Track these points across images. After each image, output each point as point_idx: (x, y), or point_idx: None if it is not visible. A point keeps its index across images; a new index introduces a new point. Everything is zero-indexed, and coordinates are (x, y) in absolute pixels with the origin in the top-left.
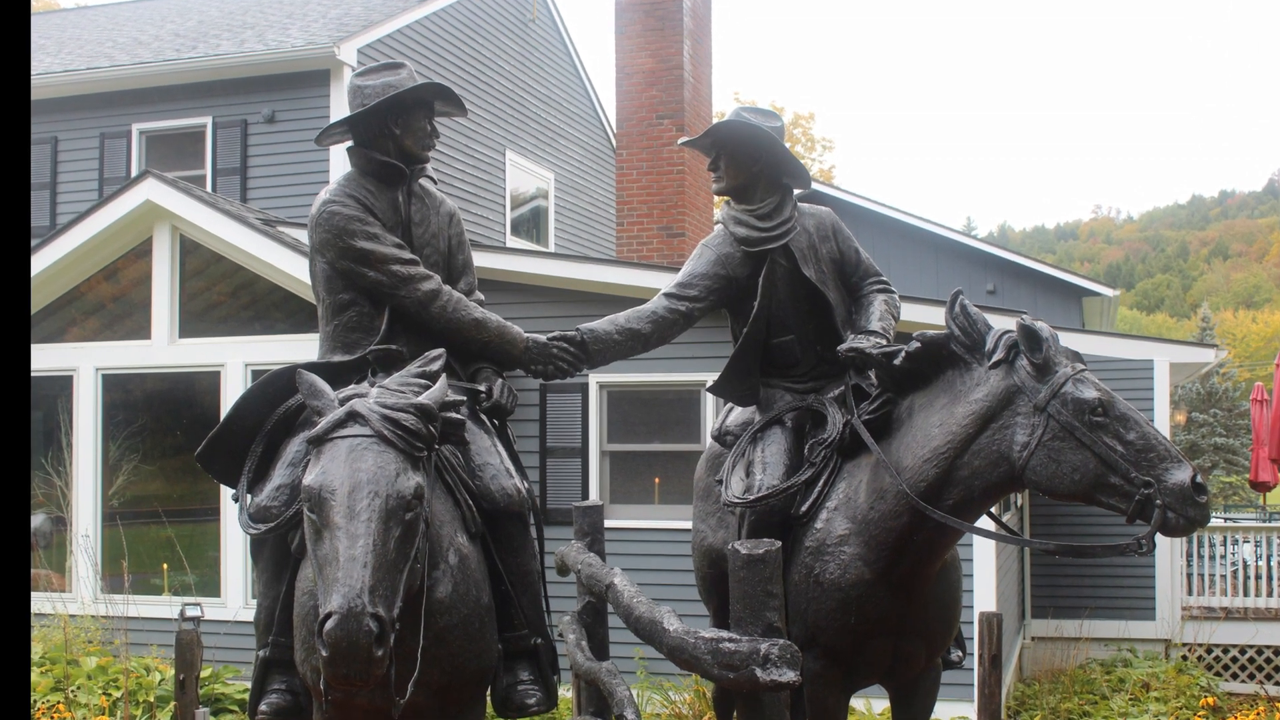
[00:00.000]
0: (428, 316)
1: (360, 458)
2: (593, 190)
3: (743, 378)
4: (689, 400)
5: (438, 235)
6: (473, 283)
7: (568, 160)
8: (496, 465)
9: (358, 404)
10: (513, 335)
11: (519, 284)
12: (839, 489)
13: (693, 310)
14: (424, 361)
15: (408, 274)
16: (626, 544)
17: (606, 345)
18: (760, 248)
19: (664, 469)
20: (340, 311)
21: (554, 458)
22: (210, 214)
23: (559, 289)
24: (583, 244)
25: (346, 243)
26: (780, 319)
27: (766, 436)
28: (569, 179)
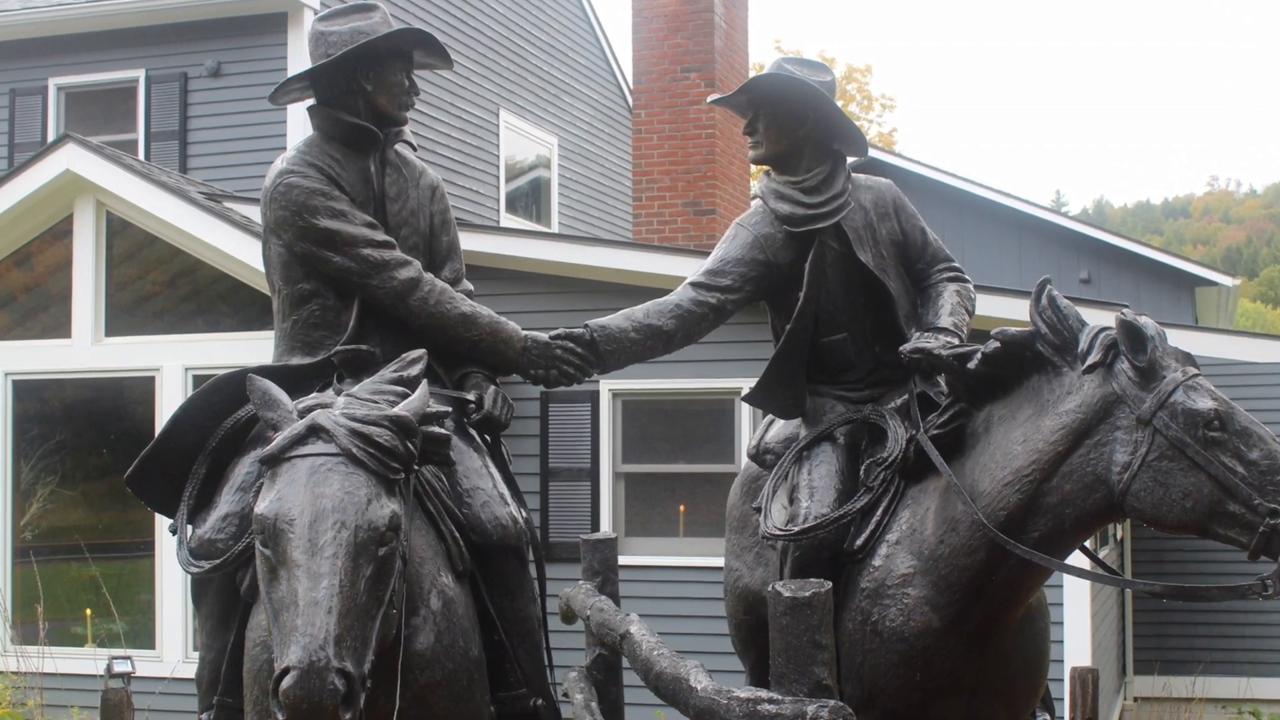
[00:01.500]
0: (405, 310)
1: (324, 481)
2: (604, 158)
3: (786, 385)
4: (721, 412)
5: (417, 212)
6: (460, 270)
7: (574, 122)
8: (488, 490)
9: (321, 416)
10: (508, 333)
11: (516, 271)
12: (901, 519)
13: (725, 303)
14: (401, 365)
15: (381, 259)
16: (645, 585)
17: (621, 345)
18: (807, 228)
19: (690, 495)
20: (300, 304)
21: (558, 481)
22: (143, 187)
23: (564, 277)
24: (592, 223)
25: (307, 221)
26: (831, 314)
27: (814, 456)
28: (576, 145)
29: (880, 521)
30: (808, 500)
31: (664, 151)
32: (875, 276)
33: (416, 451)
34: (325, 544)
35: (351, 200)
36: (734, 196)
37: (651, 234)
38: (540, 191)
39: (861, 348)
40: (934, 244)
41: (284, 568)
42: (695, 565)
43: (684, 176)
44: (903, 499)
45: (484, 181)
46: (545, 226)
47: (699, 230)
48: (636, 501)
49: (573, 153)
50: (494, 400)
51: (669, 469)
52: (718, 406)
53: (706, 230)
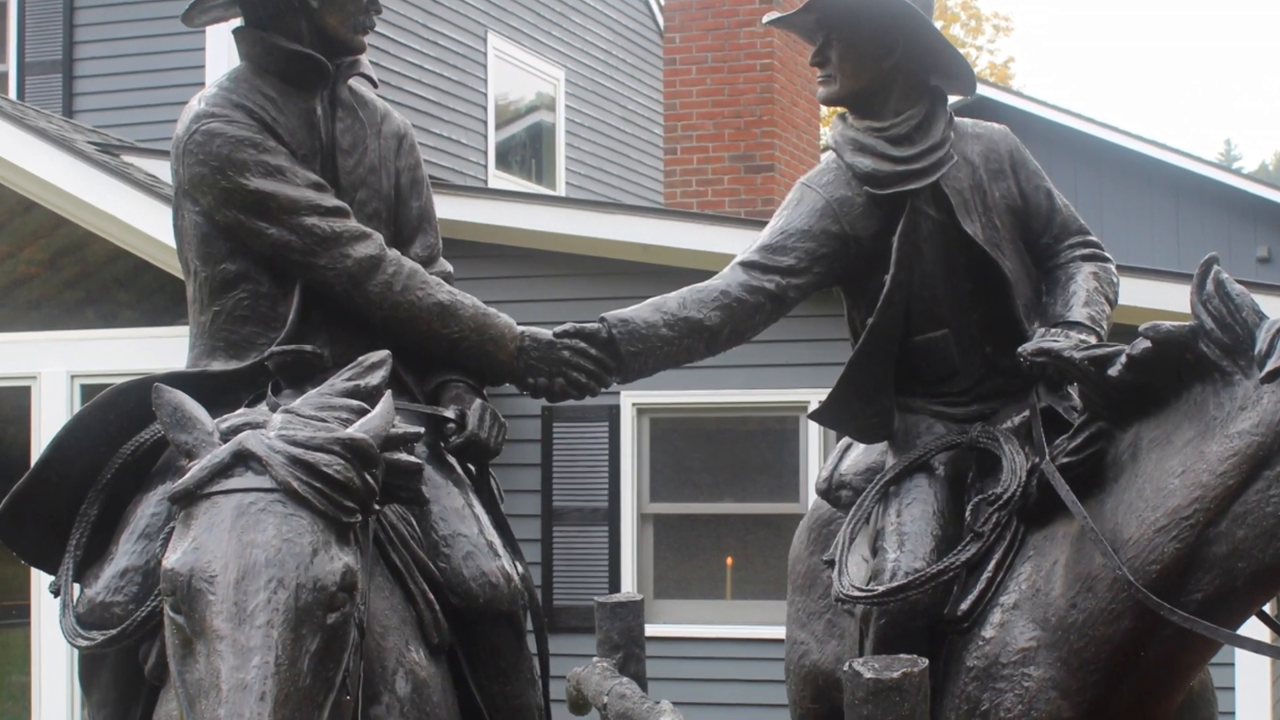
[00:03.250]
0: (363, 299)
1: (255, 525)
2: (626, 98)
3: (867, 398)
4: (781, 434)
5: (378, 169)
6: (435, 245)
7: (586, 51)
8: (473, 537)
9: (251, 439)
10: (499, 329)
11: (509, 247)
12: (1021, 576)
13: (787, 289)
14: (357, 371)
15: (331, 231)
16: (681, 662)
17: (649, 345)
18: (895, 189)
19: (740, 543)
20: (223, 291)
21: (565, 525)
22: (14, 135)
23: (572, 255)
24: (610, 184)
25: (233, 180)
26: (927, 303)
27: (905, 492)
28: (588, 80)
29: (993, 579)
30: (896, 551)
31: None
32: (985, 254)
33: (378, 486)
34: (257, 609)
35: (291, 153)
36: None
37: (689, 198)
38: (541, 142)
39: (967, 348)
40: (1064, 211)
41: (202, 640)
42: (746, 637)
43: (732, 122)
44: (1022, 549)
45: (467, 129)
46: (548, 188)
47: (752, 192)
48: (669, 552)
49: (585, 90)
50: (480, 418)
51: (712, 509)
52: (777, 427)
53: (762, 193)
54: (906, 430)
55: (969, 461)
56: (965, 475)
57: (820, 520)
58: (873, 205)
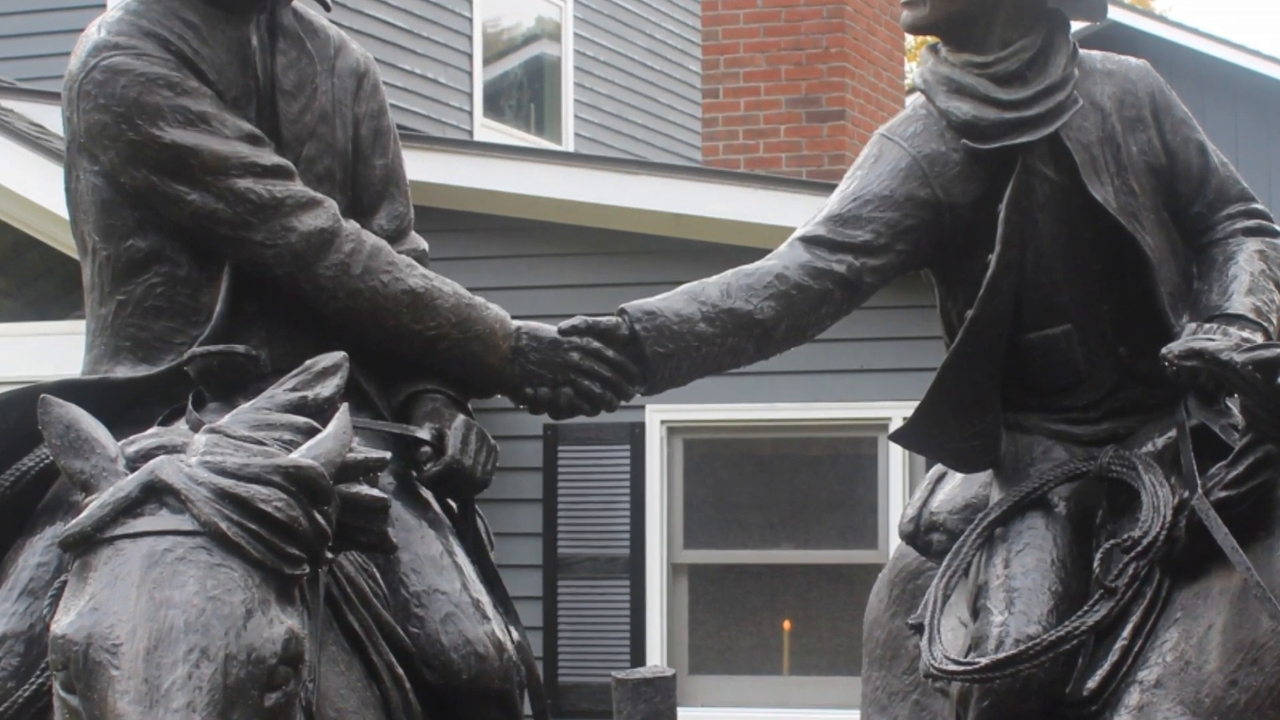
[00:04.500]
0: (312, 285)
1: (172, 580)
2: (652, 24)
3: (966, 413)
4: (855, 461)
5: (331, 117)
6: (405, 216)
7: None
8: (454, 595)
9: (166, 468)
10: (487, 325)
11: (501, 218)
12: (1165, 643)
13: (861, 272)
14: (304, 379)
15: (269, 196)
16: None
17: (682, 345)
18: (1003, 142)
19: (801, 603)
20: (130, 275)
21: (574, 578)
22: None
23: (583, 228)
24: (631, 135)
25: (143, 131)
26: (1044, 291)
27: (1015, 536)
28: (602, 1)
29: (1129, 649)
30: (1004, 612)
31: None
32: (1119, 226)
33: (331, 528)
34: (174, 688)
35: (218, 95)
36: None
37: (734, 154)
38: (543, 82)
39: (1096, 349)
40: (1220, 171)
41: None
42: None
43: (789, 55)
44: (1167, 610)
45: (447, 64)
46: (551, 142)
47: (816, 147)
48: (709, 614)
49: (599, 15)
50: (464, 440)
51: (764, 558)
52: (849, 451)
53: (829, 147)
54: (1017, 456)
55: (1098, 496)
56: (1093, 514)
57: (906, 573)
58: (973, 163)
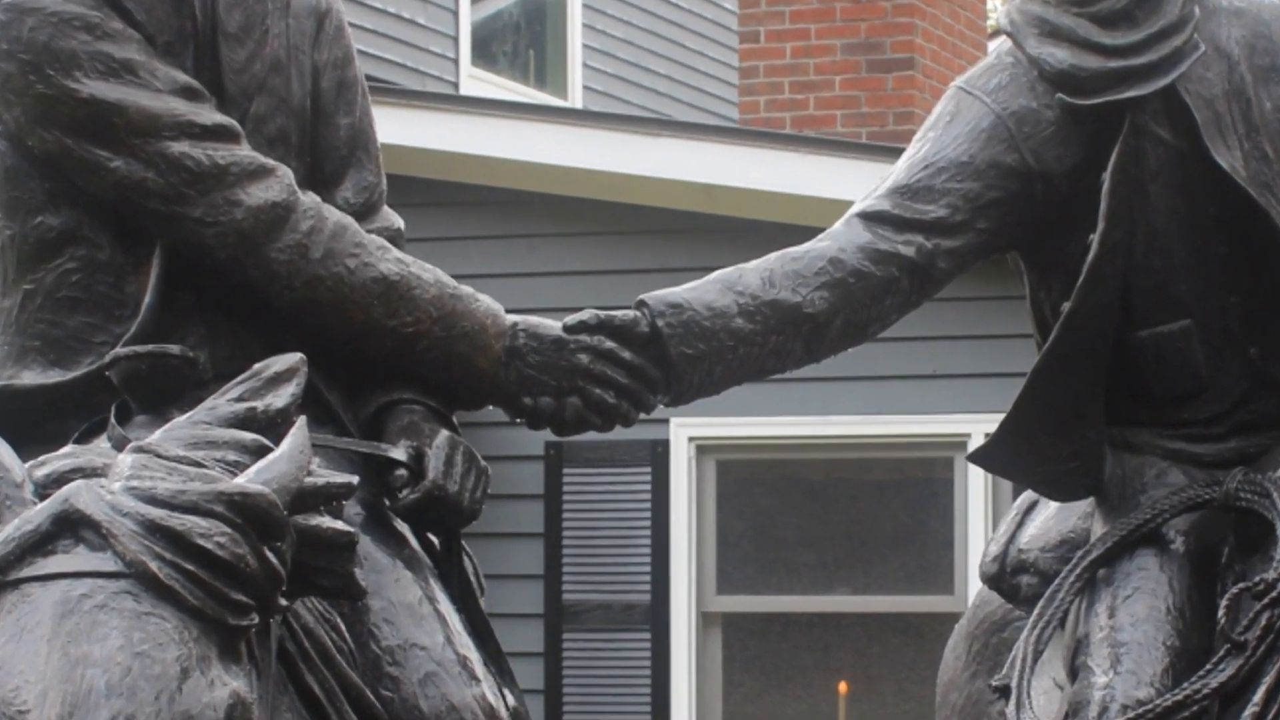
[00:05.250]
0: (262, 270)
1: (91, 632)
2: None
3: (1061, 428)
4: (926, 487)
5: (285, 66)
6: (375, 187)
7: None
8: (436, 650)
9: (83, 495)
10: (477, 321)
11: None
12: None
13: (934, 256)
14: (252, 387)
15: (210, 163)
16: None
17: (715, 345)
18: (1107, 97)
19: (860, 659)
20: (40, 259)
21: (583, 629)
22: None
23: (594, 203)
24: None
25: (55, 83)
26: (1158, 279)
27: (1123, 578)
28: None
29: (1261, 715)
30: (1108, 672)
31: None
32: (1250, 199)
33: (285, 569)
34: None
35: (148, 40)
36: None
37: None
38: (544, 25)
39: (1221, 349)
40: None
41: None
42: None
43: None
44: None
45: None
46: (555, 97)
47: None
48: (748, 674)
49: None
50: (447, 462)
51: (815, 605)
52: (920, 475)
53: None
54: (1124, 480)
55: (1223, 530)
56: (1218, 552)
57: (988, 623)
58: (1071, 123)
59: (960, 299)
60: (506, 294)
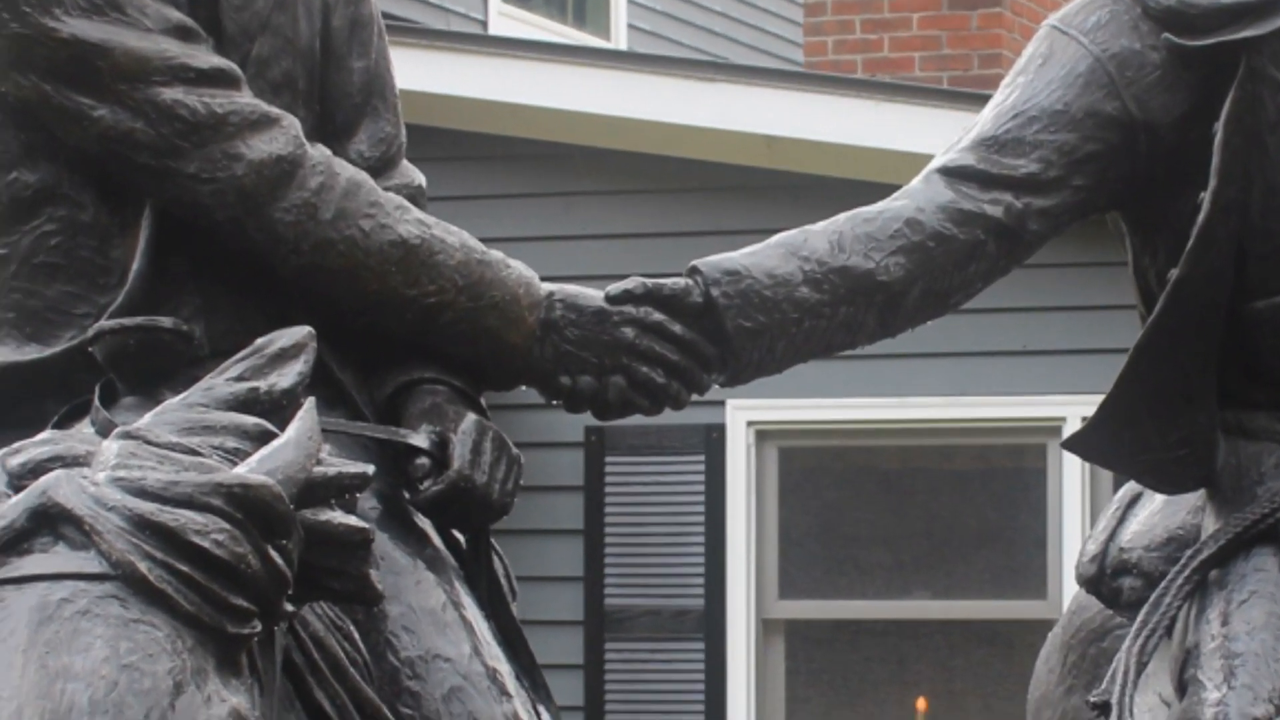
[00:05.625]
0: (265, 232)
1: (73, 642)
2: None
3: (1168, 411)
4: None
5: (290, 3)
6: (394, 139)
7: None
8: (461, 661)
9: (63, 487)
10: (506, 289)
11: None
12: None
13: (1025, 217)
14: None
15: (207, 111)
16: None
17: (778, 318)
18: (1219, 37)
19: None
20: (15, 220)
21: (628, 638)
22: None
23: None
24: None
25: (32, 22)
26: (1276, 241)
27: (1237, 581)
28: None
29: None
30: (1221, 687)
31: None
32: None
33: (291, 570)
34: None
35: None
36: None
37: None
38: None
39: None
40: None
41: None
42: None
43: None
44: None
45: None
46: (597, 38)
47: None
48: (814, 687)
49: None
50: (475, 450)
51: (891, 610)
52: (1009, 465)
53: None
54: (1239, 470)
55: None
56: None
57: (1087, 631)
58: (1179, 67)
59: (1054, 265)
60: (541, 259)
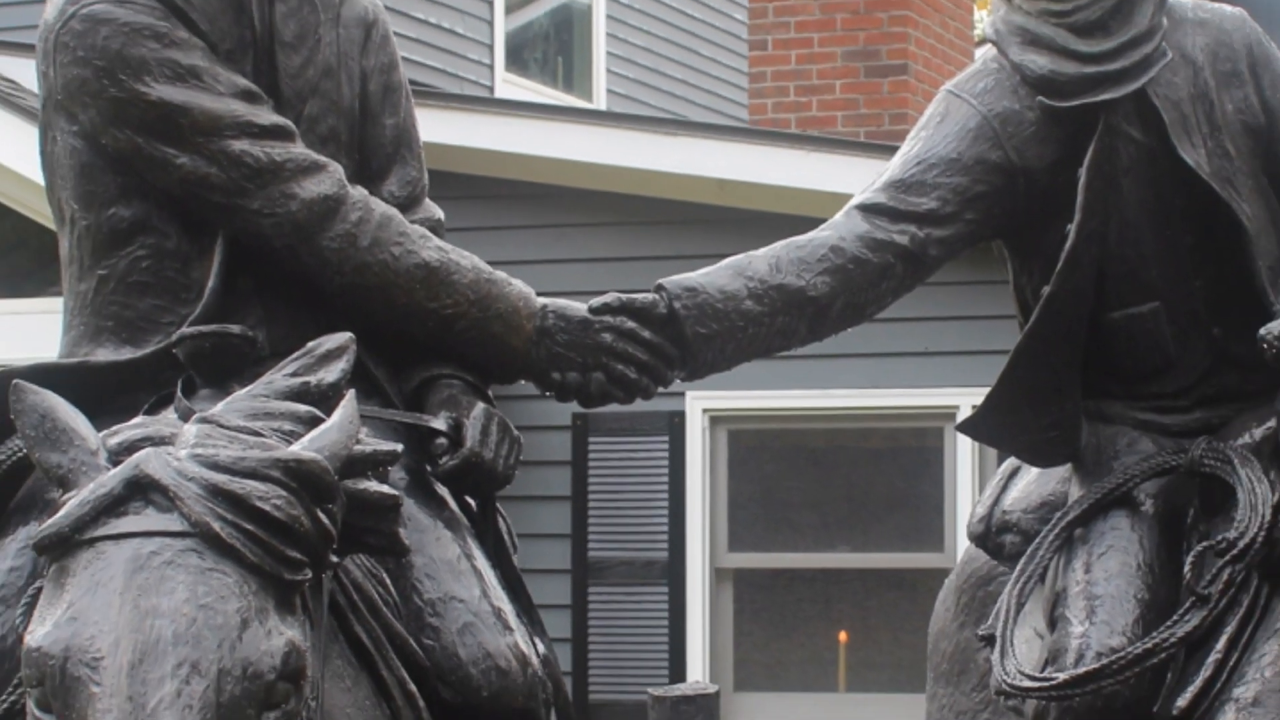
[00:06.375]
0: (315, 257)
1: (160, 586)
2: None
3: (1042, 401)
4: (919, 454)
5: (336, 71)
6: (418, 181)
7: None
8: (473, 603)
9: (152, 462)
10: (510, 303)
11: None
12: (1264, 656)
13: (926, 244)
14: (306, 363)
15: (268, 159)
16: None
17: (728, 325)
18: (1083, 99)
19: (859, 611)
20: (113, 247)
21: (605, 584)
22: None
23: (616, 195)
24: (670, 93)
25: (127, 87)
26: (1129, 265)
27: (1097, 537)
28: None
29: (1224, 663)
30: (1084, 622)
31: None
32: (1213, 192)
33: (336, 529)
34: (161, 705)
35: (211, 47)
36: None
37: (784, 113)
38: (572, 33)
39: (1187, 330)
40: None
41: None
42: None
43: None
44: (1266, 620)
45: (466, 13)
46: (581, 99)
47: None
48: (756, 624)
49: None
50: (484, 431)
51: (818, 561)
52: (913, 444)
53: (890, 105)
54: (1099, 448)
55: (1189, 493)
56: (1184, 513)
57: (975, 578)
58: (1050, 123)
59: (950, 283)
60: (537, 279)
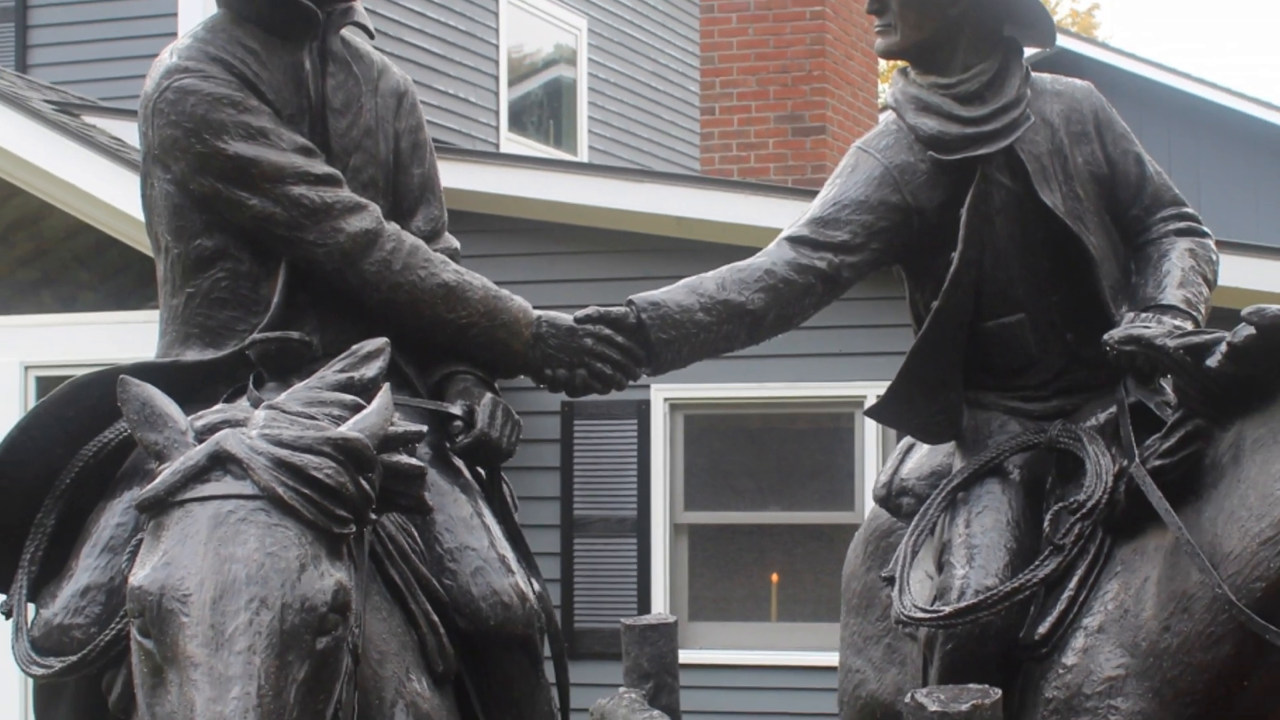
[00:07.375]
0: (358, 279)
1: (235, 537)
2: (657, 50)
3: (931, 392)
4: (834, 433)
5: (375, 131)
6: (439, 218)
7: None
8: (483, 550)
9: (230, 439)
10: (511, 314)
11: (524, 220)
12: (1107, 594)
13: (840, 268)
14: (351, 361)
15: (321, 201)
16: (720, 693)
17: (683, 332)
18: (964, 154)
19: (787, 557)
20: (199, 270)
21: (588, 536)
22: None
23: (597, 230)
24: (639, 148)
25: (210, 144)
26: (1000, 284)
27: (975, 499)
28: (614, 30)
29: (1075, 598)
30: (965, 566)
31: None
32: (1066, 227)
33: (374, 492)
34: (237, 632)
35: (276, 113)
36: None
37: (729, 164)
38: (561, 101)
39: (1046, 335)
40: (1155, 179)
41: (174, 668)
42: (794, 664)
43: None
44: (1109, 565)
45: (476, 85)
46: (568, 153)
47: (800, 158)
48: (706, 568)
49: (610, 42)
50: (491, 415)
51: (755, 519)
52: (830, 425)
53: (812, 158)
54: (976, 429)
55: (1047, 464)
56: (1043, 480)
57: (879, 531)
58: (938, 172)
59: (860, 299)
60: (533, 295)
